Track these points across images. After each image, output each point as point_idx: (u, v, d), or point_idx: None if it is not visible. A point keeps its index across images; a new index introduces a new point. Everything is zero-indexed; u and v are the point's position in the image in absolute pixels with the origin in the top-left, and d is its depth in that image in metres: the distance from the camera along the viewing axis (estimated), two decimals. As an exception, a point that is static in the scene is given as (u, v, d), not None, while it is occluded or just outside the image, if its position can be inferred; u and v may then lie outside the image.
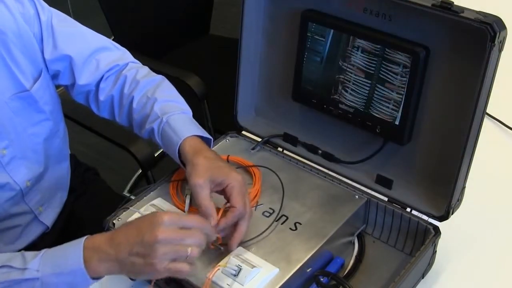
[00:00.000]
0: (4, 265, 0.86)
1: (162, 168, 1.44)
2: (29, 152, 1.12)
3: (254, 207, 1.04)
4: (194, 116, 1.12)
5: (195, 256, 0.83)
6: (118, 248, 0.83)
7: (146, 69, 1.18)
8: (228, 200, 0.96)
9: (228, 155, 1.14)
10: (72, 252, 0.85)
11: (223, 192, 0.97)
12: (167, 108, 1.08)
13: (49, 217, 1.23)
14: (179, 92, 1.16)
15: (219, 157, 1.03)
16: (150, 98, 1.10)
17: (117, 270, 0.85)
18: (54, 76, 1.15)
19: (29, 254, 0.87)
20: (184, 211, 1.03)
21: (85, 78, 1.14)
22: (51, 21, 1.10)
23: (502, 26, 0.86)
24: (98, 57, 1.15)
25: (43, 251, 0.87)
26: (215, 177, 0.96)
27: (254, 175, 1.11)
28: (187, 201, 1.05)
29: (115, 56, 1.18)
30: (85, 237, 0.86)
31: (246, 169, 1.13)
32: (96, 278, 0.86)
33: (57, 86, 1.18)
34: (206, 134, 1.07)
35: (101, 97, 1.16)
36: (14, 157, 1.09)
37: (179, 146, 1.03)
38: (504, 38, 0.87)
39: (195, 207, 0.99)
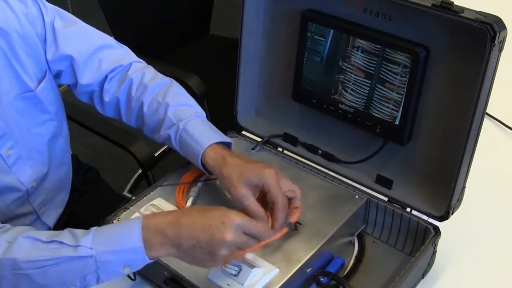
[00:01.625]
0: (54, 240, 0.84)
1: (162, 168, 1.44)
2: (34, 153, 1.12)
3: None
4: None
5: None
6: (183, 237, 0.84)
7: (151, 70, 1.17)
8: (267, 196, 0.97)
9: None
10: (128, 230, 0.84)
11: (261, 192, 0.98)
12: (181, 114, 1.07)
13: (51, 217, 1.23)
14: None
15: (244, 159, 1.02)
16: (161, 103, 1.09)
17: (175, 255, 0.86)
18: (56, 76, 1.15)
19: (77, 231, 0.86)
20: None
21: (87, 77, 1.13)
22: (53, 22, 1.10)
23: (502, 26, 0.86)
24: (100, 55, 1.14)
25: (93, 229, 0.86)
26: (250, 181, 0.96)
27: None
28: (189, 203, 1.05)
29: (117, 55, 1.16)
30: (141, 216, 0.86)
31: None
32: (152, 258, 0.85)
33: (59, 86, 1.17)
34: (225, 138, 1.07)
35: (106, 98, 1.15)
36: (19, 157, 1.09)
37: (201, 156, 1.03)
38: (504, 38, 0.87)
39: None
